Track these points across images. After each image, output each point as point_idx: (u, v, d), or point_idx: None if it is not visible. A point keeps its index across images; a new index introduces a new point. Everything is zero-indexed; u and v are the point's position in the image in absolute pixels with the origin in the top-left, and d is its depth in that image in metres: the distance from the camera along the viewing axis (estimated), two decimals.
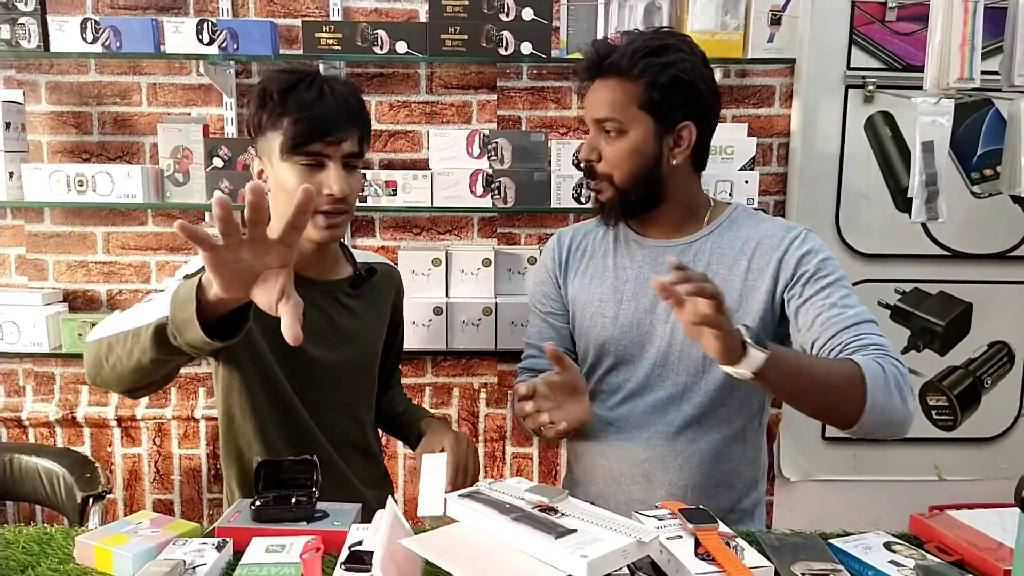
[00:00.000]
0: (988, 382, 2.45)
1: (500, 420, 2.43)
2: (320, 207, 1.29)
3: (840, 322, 1.26)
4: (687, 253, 1.40)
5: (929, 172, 1.93)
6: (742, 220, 1.42)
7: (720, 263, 1.37)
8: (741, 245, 1.38)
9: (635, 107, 1.33)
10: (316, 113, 1.26)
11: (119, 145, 2.31)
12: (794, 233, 1.36)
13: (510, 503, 1.02)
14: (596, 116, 1.36)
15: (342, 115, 1.29)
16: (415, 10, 2.27)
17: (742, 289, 1.35)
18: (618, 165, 1.35)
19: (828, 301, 1.29)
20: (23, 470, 1.89)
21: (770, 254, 1.35)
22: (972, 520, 1.14)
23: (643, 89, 1.32)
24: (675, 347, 1.37)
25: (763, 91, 2.35)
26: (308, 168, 1.28)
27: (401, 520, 1.05)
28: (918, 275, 2.39)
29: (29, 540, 1.15)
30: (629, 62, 1.32)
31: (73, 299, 2.36)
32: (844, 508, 2.45)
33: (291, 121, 1.26)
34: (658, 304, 1.38)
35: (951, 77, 1.82)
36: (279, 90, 1.27)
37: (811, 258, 1.33)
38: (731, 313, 1.09)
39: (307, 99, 1.26)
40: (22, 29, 2.06)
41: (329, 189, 1.29)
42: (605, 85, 1.35)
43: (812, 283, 1.31)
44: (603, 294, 1.44)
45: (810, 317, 1.29)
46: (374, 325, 1.53)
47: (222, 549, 1.06)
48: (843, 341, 1.25)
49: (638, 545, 0.91)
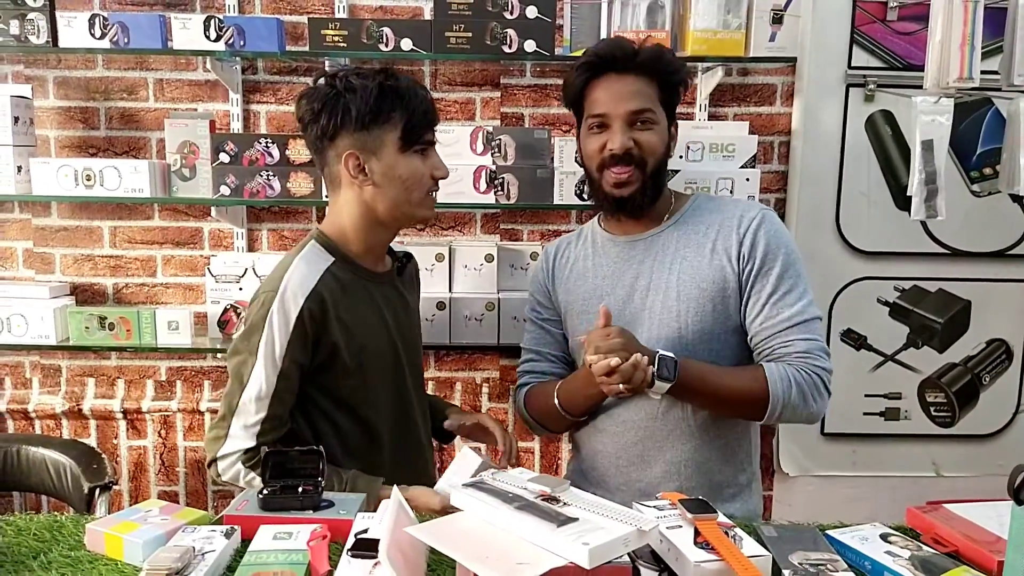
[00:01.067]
0: (986, 379, 2.45)
1: (502, 415, 2.45)
2: (432, 189, 1.47)
3: (773, 326, 1.40)
4: (655, 243, 1.49)
5: (929, 171, 1.94)
6: (704, 206, 1.52)
7: (688, 247, 1.46)
8: (705, 229, 1.47)
9: (658, 102, 1.45)
10: (428, 106, 1.43)
11: (126, 140, 2.33)
12: (751, 215, 1.45)
13: (513, 492, 1.04)
14: (632, 108, 1.42)
15: (433, 105, 1.46)
16: (420, 7, 2.28)
17: (709, 271, 1.43)
18: (653, 153, 1.44)
19: (770, 299, 1.40)
20: (30, 461, 1.91)
21: (729, 236, 1.44)
22: (967, 513, 1.16)
23: (659, 88, 1.44)
24: (654, 330, 1.44)
25: (764, 89, 2.36)
26: (421, 156, 1.42)
27: (406, 509, 1.07)
28: (917, 273, 2.39)
29: (40, 527, 1.17)
30: (653, 60, 1.43)
31: (80, 292, 2.38)
32: (843, 503, 2.46)
33: (410, 114, 1.39)
34: (635, 294, 1.48)
35: (951, 76, 1.83)
36: (396, 87, 1.39)
37: (761, 245, 1.42)
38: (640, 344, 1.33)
39: (419, 95, 1.41)
40: (31, 24, 2.08)
41: (439, 172, 1.46)
42: (627, 80, 1.43)
43: (761, 275, 1.42)
44: (587, 292, 1.53)
45: (753, 312, 1.42)
46: (417, 309, 1.67)
47: (231, 536, 1.08)
48: (772, 346, 1.40)
49: (638, 534, 0.93)
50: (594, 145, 1.45)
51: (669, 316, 1.42)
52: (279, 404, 1.36)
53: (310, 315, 1.35)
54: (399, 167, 1.40)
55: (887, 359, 2.43)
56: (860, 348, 2.43)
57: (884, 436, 2.47)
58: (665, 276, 1.45)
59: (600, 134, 1.44)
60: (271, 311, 1.34)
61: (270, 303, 1.35)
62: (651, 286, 1.45)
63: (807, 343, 1.38)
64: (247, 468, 1.35)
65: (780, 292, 1.40)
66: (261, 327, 1.34)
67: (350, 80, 1.38)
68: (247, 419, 1.35)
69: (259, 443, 1.34)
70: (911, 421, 2.46)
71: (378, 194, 1.41)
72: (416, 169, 1.41)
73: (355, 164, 1.39)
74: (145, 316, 2.21)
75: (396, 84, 1.39)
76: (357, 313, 1.43)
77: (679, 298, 1.42)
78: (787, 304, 1.39)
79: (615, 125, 1.42)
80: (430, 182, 1.45)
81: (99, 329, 2.22)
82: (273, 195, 2.15)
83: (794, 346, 1.38)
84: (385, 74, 1.40)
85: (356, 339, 1.42)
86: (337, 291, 1.40)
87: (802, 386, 1.36)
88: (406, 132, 1.38)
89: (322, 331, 1.37)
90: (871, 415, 2.45)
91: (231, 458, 1.35)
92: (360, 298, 1.44)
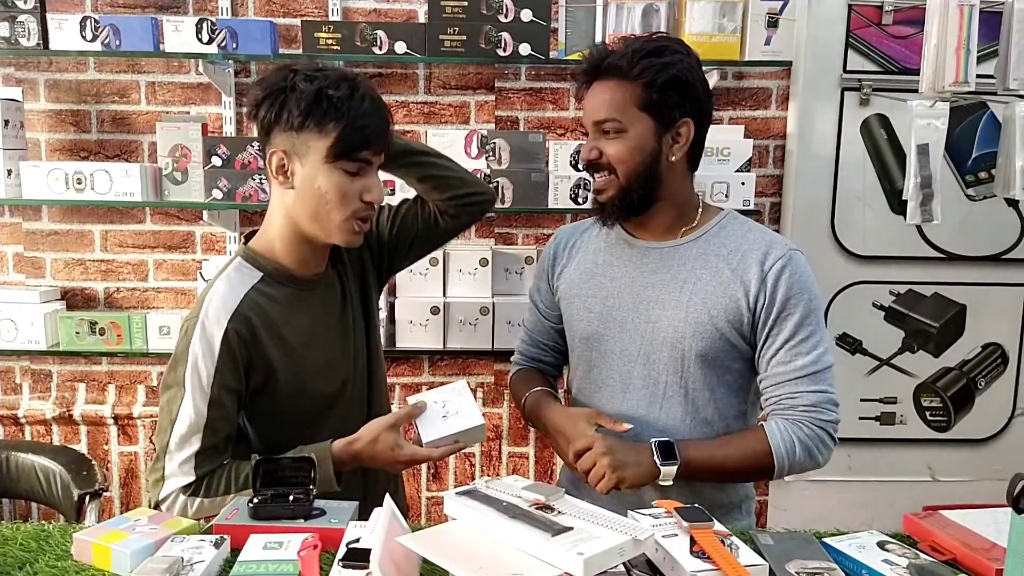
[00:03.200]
0: (982, 383, 2.45)
1: (497, 419, 2.44)
2: (359, 213, 1.31)
3: (785, 374, 1.35)
4: (672, 256, 1.42)
5: (924, 175, 1.94)
6: (731, 228, 1.44)
7: (703, 268, 1.39)
8: (727, 254, 1.39)
9: (635, 107, 1.35)
10: (371, 123, 1.28)
11: (118, 143, 2.31)
12: (777, 253, 1.37)
13: (507, 501, 1.02)
14: (595, 118, 1.37)
15: (384, 125, 1.32)
16: (414, 11, 2.27)
17: (722, 298, 1.37)
18: (621, 162, 1.37)
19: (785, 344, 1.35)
20: (19, 467, 1.88)
21: (750, 268, 1.37)
22: (965, 520, 1.15)
23: (642, 89, 1.34)
24: (656, 345, 1.39)
25: (760, 93, 2.36)
26: (349, 174, 1.29)
27: (399, 518, 1.06)
28: (913, 277, 2.39)
29: (27, 536, 1.14)
30: (628, 63, 1.33)
31: (71, 297, 2.36)
32: (838, 508, 2.45)
33: (345, 128, 1.26)
34: (640, 303, 1.41)
35: (947, 80, 1.83)
36: (336, 96, 1.26)
37: (783, 288, 1.35)
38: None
39: (363, 109, 1.27)
40: (21, 27, 2.06)
41: (370, 196, 1.31)
42: (604, 87, 1.37)
43: (779, 320, 1.36)
44: (589, 289, 1.47)
45: (767, 355, 1.37)
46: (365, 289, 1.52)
47: (220, 546, 1.06)
48: (779, 396, 1.36)
49: (634, 543, 0.92)
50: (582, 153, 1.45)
51: (674, 335, 1.37)
52: (212, 434, 1.28)
53: (237, 337, 1.27)
54: (319, 178, 1.28)
55: (882, 363, 2.43)
56: (855, 352, 2.42)
57: (879, 441, 2.46)
58: (676, 293, 1.39)
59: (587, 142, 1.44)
60: (192, 339, 1.27)
61: (192, 331, 1.27)
62: (660, 300, 1.40)
63: (816, 395, 1.35)
64: (189, 496, 1.28)
65: (796, 339, 1.35)
66: (185, 358, 1.27)
67: (299, 78, 1.29)
68: (181, 456, 1.27)
69: (198, 476, 1.27)
70: (907, 426, 2.46)
71: (297, 202, 1.31)
72: (339, 185, 1.28)
73: (278, 163, 1.30)
74: (136, 321, 2.19)
75: (339, 94, 1.27)
76: (297, 327, 1.35)
77: (687, 319, 1.36)
78: (801, 352, 1.34)
79: (590, 134, 1.41)
80: (359, 204, 1.30)
81: (89, 334, 2.20)
82: (266, 199, 2.13)
83: (802, 398, 1.35)
84: (338, 81, 1.28)
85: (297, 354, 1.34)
86: (267, 308, 1.32)
87: (806, 443, 1.34)
88: (336, 144, 1.27)
89: (253, 352, 1.30)
90: (866, 419, 2.45)
91: (171, 498, 1.28)
92: (297, 309, 1.36)
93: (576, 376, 1.51)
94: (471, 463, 2.49)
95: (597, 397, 1.46)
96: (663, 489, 1.36)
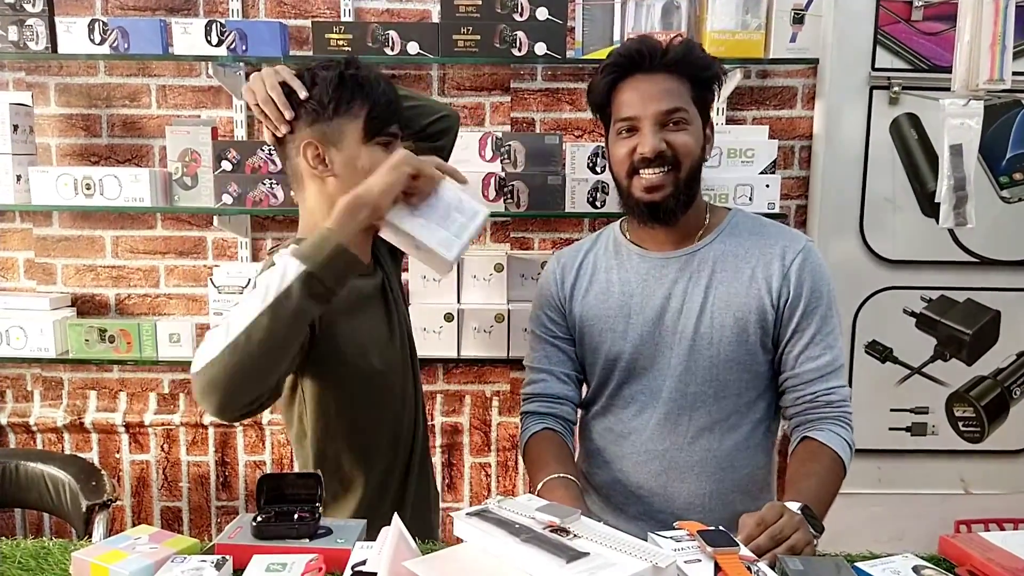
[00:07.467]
0: (1017, 393, 2.38)
1: (513, 429, 2.39)
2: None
3: (817, 369, 1.36)
4: (690, 263, 1.40)
5: (958, 176, 1.88)
6: (744, 226, 1.44)
7: (725, 271, 1.39)
8: (744, 253, 1.39)
9: (690, 101, 1.36)
10: (392, 98, 1.35)
11: (128, 148, 2.29)
12: (796, 247, 1.39)
13: (520, 523, 0.97)
14: (662, 108, 1.33)
15: (397, 97, 1.39)
16: (427, 10, 2.23)
17: (746, 299, 1.37)
18: (688, 154, 1.35)
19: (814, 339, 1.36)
20: (29, 477, 1.87)
21: (771, 265, 1.38)
22: (1005, 542, 1.09)
23: (691, 85, 1.35)
24: (684, 356, 1.37)
25: (785, 92, 2.30)
26: (385, 147, 1.34)
27: (407, 538, 1.01)
28: (945, 282, 2.33)
29: (26, 555, 1.12)
30: (683, 58, 1.34)
31: (82, 303, 2.34)
32: (868, 522, 2.39)
33: (373, 106, 1.32)
34: (665, 315, 1.39)
35: (980, 78, 1.77)
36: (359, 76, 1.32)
37: (807, 283, 1.37)
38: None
39: (382, 87, 1.34)
40: (30, 31, 2.04)
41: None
42: (657, 79, 1.34)
43: (806, 315, 1.37)
44: (611, 310, 1.43)
45: (794, 350, 1.38)
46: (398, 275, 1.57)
47: (221, 567, 1.02)
48: (815, 392, 1.37)
49: (654, 570, 0.86)
50: (623, 150, 1.36)
51: (702, 342, 1.35)
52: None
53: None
54: (362, 158, 1.31)
55: (913, 372, 2.37)
56: (885, 360, 2.37)
57: (910, 452, 2.40)
58: (699, 299, 1.37)
59: (629, 138, 1.36)
60: None
61: None
62: (684, 308, 1.37)
63: (844, 391, 1.38)
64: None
65: (824, 333, 1.36)
66: None
67: (316, 69, 1.33)
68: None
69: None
70: (938, 436, 2.39)
71: (341, 186, 1.31)
72: (380, 161, 1.29)
73: (314, 154, 1.31)
74: (146, 328, 2.17)
75: (357, 74, 1.32)
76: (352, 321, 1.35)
77: (712, 324, 1.35)
78: (828, 347, 1.37)
79: (645, 127, 1.33)
80: None
81: (99, 342, 2.17)
82: (276, 204, 2.10)
83: (836, 393, 1.37)
84: (347, 63, 1.33)
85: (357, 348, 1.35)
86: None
87: (851, 442, 1.37)
88: (369, 122, 1.31)
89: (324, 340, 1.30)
90: (897, 430, 2.39)
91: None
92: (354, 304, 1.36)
93: (598, 396, 1.47)
94: (487, 473, 2.44)
95: (623, 415, 1.43)
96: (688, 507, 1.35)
